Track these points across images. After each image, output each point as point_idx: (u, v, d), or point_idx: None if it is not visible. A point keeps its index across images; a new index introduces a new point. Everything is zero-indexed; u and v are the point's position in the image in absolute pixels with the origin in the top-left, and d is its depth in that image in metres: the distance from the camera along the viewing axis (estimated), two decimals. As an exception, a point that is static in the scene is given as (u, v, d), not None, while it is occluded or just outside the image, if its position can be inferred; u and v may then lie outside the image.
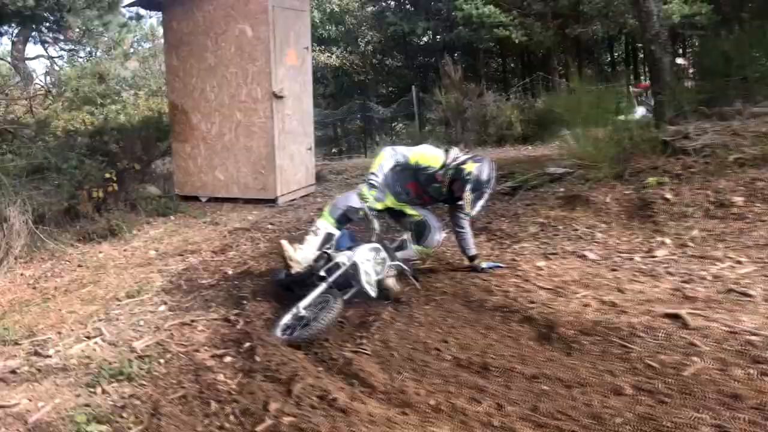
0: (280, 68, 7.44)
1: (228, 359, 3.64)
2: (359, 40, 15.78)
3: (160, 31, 29.78)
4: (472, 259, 4.65)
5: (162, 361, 3.69)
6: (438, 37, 14.85)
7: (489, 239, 5.39)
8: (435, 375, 3.16)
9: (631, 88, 8.17)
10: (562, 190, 6.01)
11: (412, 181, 4.58)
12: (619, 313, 3.52)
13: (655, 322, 3.30)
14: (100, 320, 4.50)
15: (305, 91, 8.13)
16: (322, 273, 3.98)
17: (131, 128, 7.46)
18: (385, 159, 4.31)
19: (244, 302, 4.47)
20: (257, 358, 3.53)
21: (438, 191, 4.51)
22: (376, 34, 16.72)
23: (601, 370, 2.92)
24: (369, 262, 4.04)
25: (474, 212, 4.38)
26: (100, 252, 6.12)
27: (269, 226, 6.69)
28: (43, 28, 15.26)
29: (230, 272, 5.29)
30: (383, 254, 4.16)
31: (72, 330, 4.38)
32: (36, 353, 3.98)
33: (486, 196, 4.38)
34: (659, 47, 6.56)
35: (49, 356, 3.91)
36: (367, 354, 3.50)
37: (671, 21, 14.62)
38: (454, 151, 4.52)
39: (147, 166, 7.75)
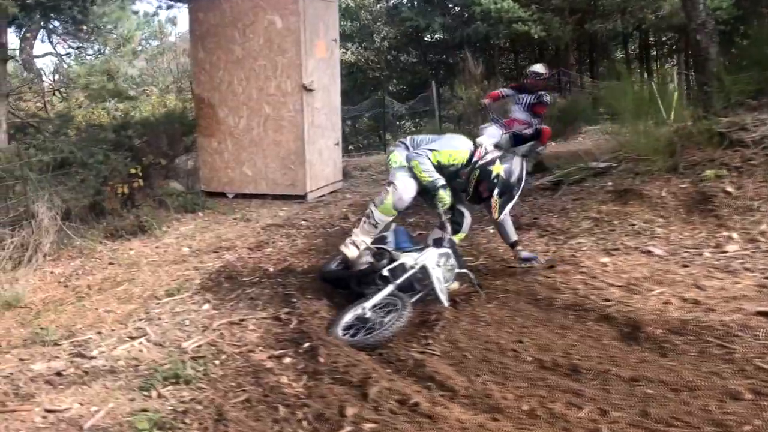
0: (310, 60, 7.22)
1: (287, 360, 3.43)
2: (374, 36, 15.57)
3: (169, 28, 29.39)
4: (513, 245, 4.43)
5: (217, 362, 3.48)
6: (455, 32, 14.60)
7: (541, 235, 5.17)
8: (519, 378, 2.94)
9: (482, 100, 7.44)
10: (610, 184, 5.79)
11: None
12: (706, 311, 3.30)
13: (751, 321, 3.08)
14: (140, 320, 4.29)
15: (333, 84, 7.92)
16: (385, 272, 3.75)
17: (155, 122, 7.24)
18: (423, 162, 4.07)
19: (294, 300, 4.27)
20: (321, 359, 3.32)
21: (462, 186, 4.26)
22: (391, 29, 16.50)
23: (707, 373, 2.70)
24: (440, 268, 3.81)
25: (502, 216, 4.17)
26: (131, 249, 5.91)
27: (302, 223, 6.48)
28: (58, 22, 15.09)
29: (271, 269, 5.08)
30: (452, 261, 3.94)
31: (113, 330, 4.17)
32: (79, 354, 3.77)
33: (516, 197, 4.18)
34: (705, 36, 6.33)
35: (94, 357, 3.70)
36: (436, 355, 3.28)
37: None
38: (485, 145, 4.25)
39: (172, 161, 7.53)
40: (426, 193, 4.21)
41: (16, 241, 5.46)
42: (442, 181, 4.05)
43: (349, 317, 3.62)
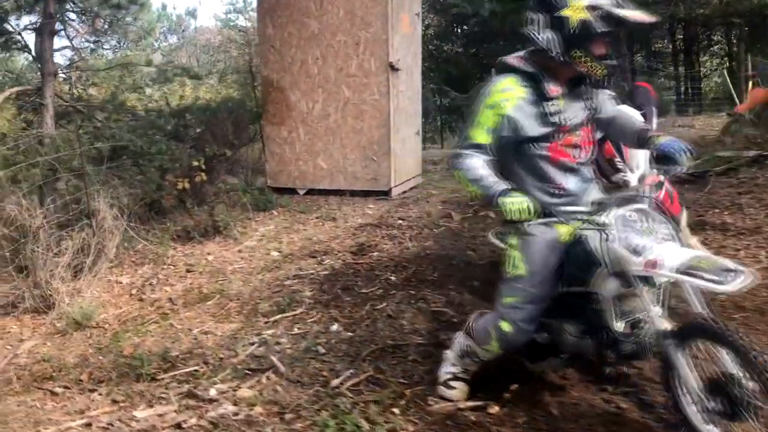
0: (396, 36, 6.28)
1: (495, 409, 2.48)
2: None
3: (189, 23, 28.54)
4: None
5: (396, 410, 2.53)
6: (505, 20, 13.63)
7: (723, 236, 4.22)
8: None
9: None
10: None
11: None
12: None
13: None
14: (252, 344, 3.37)
15: (416, 64, 6.98)
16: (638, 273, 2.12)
17: (217, 108, 6.31)
18: None
19: (453, 320, 3.33)
20: (553, 411, 2.38)
21: None
22: (435, 17, 15.59)
23: None
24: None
25: None
26: (209, 254, 4.97)
27: (400, 222, 5.54)
28: (75, 14, 14.24)
29: (393, 278, 4.15)
30: None
31: (221, 358, 3.24)
32: (191, 394, 2.85)
33: None
34: None
35: (215, 400, 2.77)
36: None
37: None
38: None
39: (236, 152, 6.60)
40: None
41: (75, 245, 4.52)
42: None
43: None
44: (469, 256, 4.52)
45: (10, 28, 5.99)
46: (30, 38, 7.17)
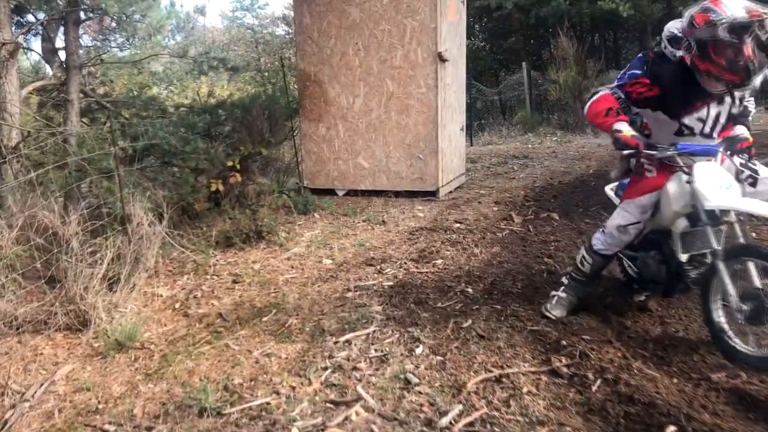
0: (444, 23, 5.83)
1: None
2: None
3: (197, 20, 28.11)
4: None
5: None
6: (530, 13, 13.18)
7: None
8: None
9: None
10: None
11: None
12: None
13: None
14: (325, 369, 2.92)
15: (461, 54, 6.54)
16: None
17: (251, 104, 5.86)
18: None
19: (562, 342, 2.88)
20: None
21: None
22: (457, 11, 15.16)
23: None
24: None
25: None
26: (254, 262, 4.53)
27: (456, 226, 5.09)
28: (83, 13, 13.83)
29: (470, 290, 3.70)
30: None
31: (293, 387, 2.79)
32: (270, 434, 2.40)
33: None
34: None
35: (300, 443, 2.32)
36: None
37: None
38: None
39: (272, 151, 6.16)
40: None
41: (110, 254, 4.08)
42: None
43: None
44: (547, 264, 4.07)
45: (35, 17, 5.54)
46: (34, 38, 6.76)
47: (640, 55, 3.26)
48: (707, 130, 2.79)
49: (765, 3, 2.57)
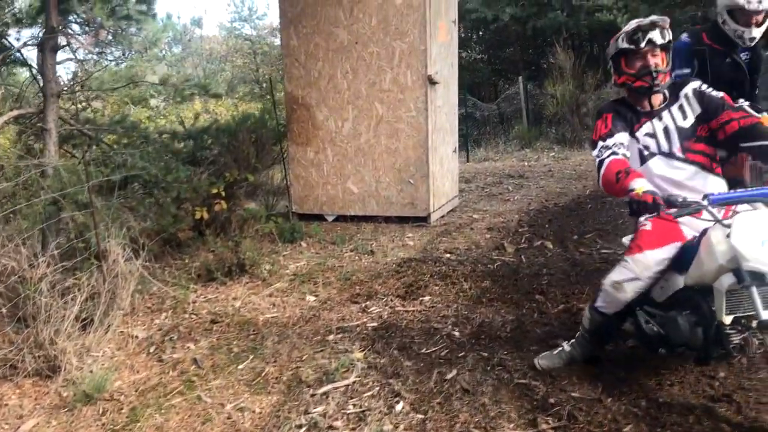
0: (434, 45, 5.69)
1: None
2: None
3: (194, 32, 28.11)
4: None
5: None
6: (527, 24, 13.06)
7: None
8: None
9: None
10: None
11: None
12: None
13: None
14: (300, 427, 2.76)
15: (452, 75, 6.40)
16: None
17: (237, 128, 5.71)
18: None
19: (548, 398, 2.72)
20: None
21: None
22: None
23: None
24: None
25: None
26: (234, 298, 4.37)
27: (447, 256, 4.93)
28: (78, 26, 13.70)
29: (457, 334, 3.54)
30: None
31: (264, 450, 2.63)
32: None
33: None
34: None
35: None
36: None
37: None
38: None
39: (259, 176, 6.00)
40: None
41: (83, 294, 3.92)
42: None
43: None
44: (539, 301, 3.91)
45: (9, 44, 5.41)
46: (32, 53, 6.62)
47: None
48: (664, 147, 2.77)
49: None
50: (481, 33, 15.56)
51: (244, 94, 12.76)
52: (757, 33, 3.36)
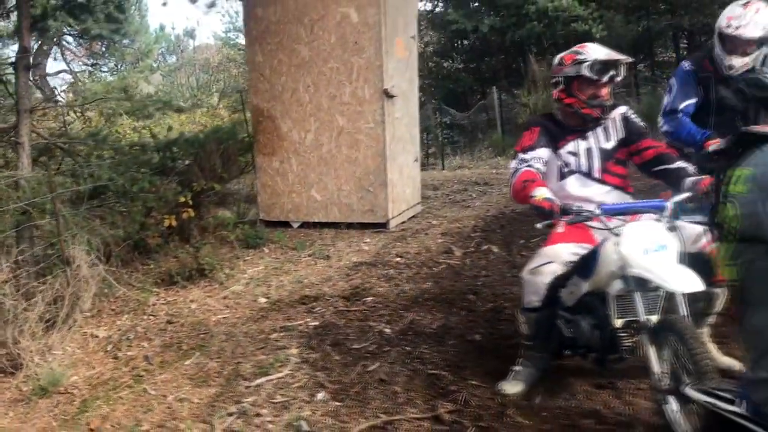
0: (391, 61, 6.00)
1: None
2: (418, 41, 14.44)
3: (188, 43, 28.39)
4: None
5: None
6: (506, 35, 13.38)
7: None
8: None
9: None
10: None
11: None
12: None
13: None
14: (230, 414, 3.04)
15: (412, 89, 6.70)
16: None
17: (206, 140, 6.03)
18: None
19: (450, 387, 3.00)
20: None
21: None
22: (434, 34, 15.36)
23: None
24: None
25: None
26: (191, 301, 4.66)
27: (398, 260, 5.21)
28: (72, 38, 13.97)
29: (388, 330, 3.82)
30: None
31: (195, 435, 2.91)
32: (156, 486, 2.51)
33: None
34: None
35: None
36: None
37: None
38: None
39: (225, 185, 6.31)
40: None
41: (48, 297, 4.22)
42: None
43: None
44: (470, 300, 4.19)
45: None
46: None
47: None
48: (584, 167, 2.97)
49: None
50: (462, 43, 15.88)
51: (229, 104, 13.06)
52: (737, 62, 3.17)
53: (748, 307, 1.47)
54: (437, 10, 15.43)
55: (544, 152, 2.95)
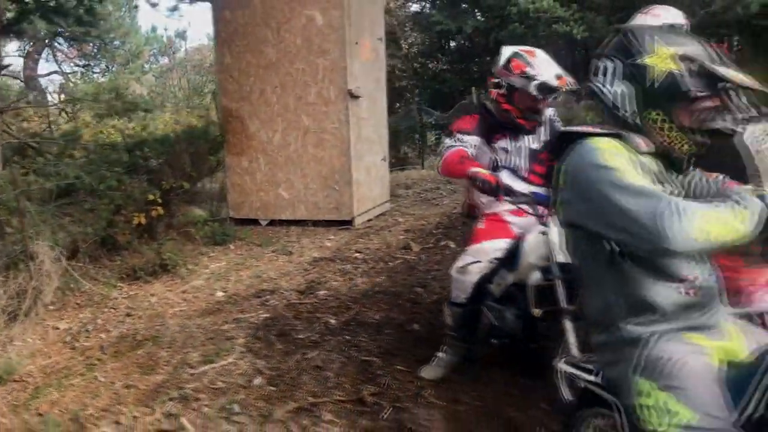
0: (355, 62, 6.16)
1: None
2: (402, 42, 14.59)
3: (179, 45, 28.47)
4: None
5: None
6: (489, 36, 13.55)
7: None
8: None
9: None
10: None
11: None
12: None
13: None
14: (171, 399, 3.19)
15: (379, 89, 6.86)
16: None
17: (175, 140, 6.19)
18: None
19: (378, 372, 3.16)
20: None
21: None
22: (419, 35, 15.52)
23: None
24: None
25: None
26: (152, 294, 4.82)
27: (356, 255, 5.37)
28: (63, 39, 14.10)
29: (333, 321, 3.98)
30: None
31: (135, 417, 3.08)
32: (90, 464, 2.67)
33: None
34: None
35: (111, 471, 2.59)
36: None
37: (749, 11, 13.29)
38: None
39: (195, 184, 6.47)
40: None
41: (11, 290, 4.38)
42: None
43: None
44: (417, 293, 4.35)
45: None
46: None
47: None
48: (513, 164, 3.10)
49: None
50: (448, 44, 16.03)
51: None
52: None
53: (583, 284, 1.63)
54: (425, 11, 15.57)
55: (477, 140, 3.05)
